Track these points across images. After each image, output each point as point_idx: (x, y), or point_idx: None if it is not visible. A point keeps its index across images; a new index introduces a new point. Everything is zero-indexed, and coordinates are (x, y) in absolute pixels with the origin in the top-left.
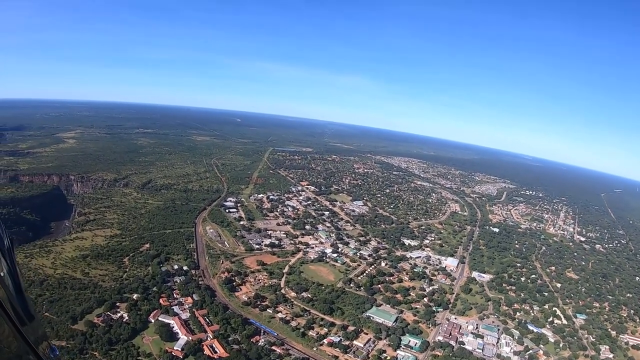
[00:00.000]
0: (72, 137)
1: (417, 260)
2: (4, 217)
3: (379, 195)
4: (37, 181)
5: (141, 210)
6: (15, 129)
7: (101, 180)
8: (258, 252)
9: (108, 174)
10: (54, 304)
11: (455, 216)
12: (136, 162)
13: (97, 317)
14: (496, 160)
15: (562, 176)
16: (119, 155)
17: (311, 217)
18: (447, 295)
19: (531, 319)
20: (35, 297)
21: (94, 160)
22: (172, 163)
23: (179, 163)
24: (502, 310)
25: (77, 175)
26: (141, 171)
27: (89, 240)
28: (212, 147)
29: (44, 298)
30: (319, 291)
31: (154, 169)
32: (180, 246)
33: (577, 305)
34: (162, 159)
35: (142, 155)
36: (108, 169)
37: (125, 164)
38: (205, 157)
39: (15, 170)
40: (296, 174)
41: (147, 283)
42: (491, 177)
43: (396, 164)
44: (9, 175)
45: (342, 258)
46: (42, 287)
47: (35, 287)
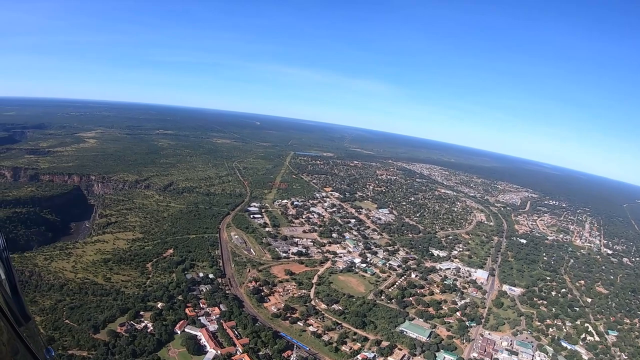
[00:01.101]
0: (93, 136)
1: (446, 271)
2: (23, 216)
3: (404, 203)
4: (57, 180)
5: (163, 213)
6: (36, 128)
7: (122, 181)
8: (285, 260)
9: (129, 175)
10: (74, 311)
11: (482, 226)
12: (157, 164)
13: (120, 327)
14: (516, 169)
15: (582, 185)
16: (139, 156)
17: (337, 225)
18: (479, 309)
19: (564, 336)
20: (55, 302)
21: (115, 160)
22: (193, 165)
23: (201, 166)
24: (534, 325)
25: (97, 176)
26: (162, 173)
27: (111, 244)
28: (233, 150)
29: (64, 304)
30: (350, 303)
31: (176, 171)
32: (205, 252)
33: (608, 321)
34: (183, 161)
35: (163, 156)
36: (129, 170)
37: (146, 165)
38: (226, 160)
39: (35, 169)
40: (319, 179)
41: (172, 291)
42: (513, 185)
43: (418, 171)
44: (29, 173)
45: (371, 268)
46: (62, 291)
47: (55, 291)
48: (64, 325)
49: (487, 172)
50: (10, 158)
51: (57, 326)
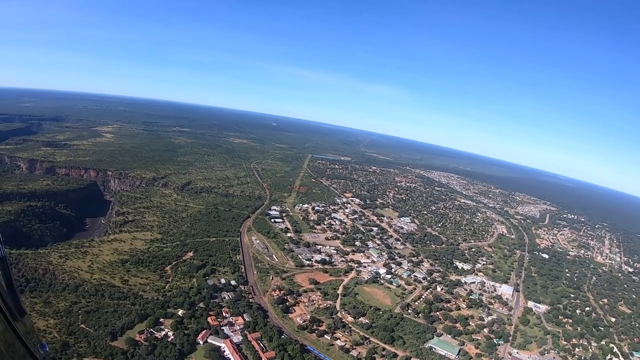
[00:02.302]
0: (110, 131)
1: (472, 285)
2: (38, 210)
3: (425, 212)
4: (73, 175)
5: (182, 213)
6: (53, 120)
7: (139, 178)
8: (309, 268)
9: (146, 172)
10: (90, 315)
11: (503, 239)
12: (175, 162)
13: (139, 334)
14: (532, 180)
15: (599, 199)
16: (157, 154)
17: (360, 233)
18: (506, 326)
19: (590, 356)
20: (70, 304)
21: (132, 156)
22: (211, 165)
23: (219, 165)
24: (561, 345)
25: (114, 172)
26: (180, 171)
27: (128, 244)
28: (250, 151)
29: (80, 307)
30: (377, 316)
31: (193, 170)
32: (226, 257)
33: (632, 342)
34: (201, 160)
35: (180, 154)
36: (146, 167)
37: (163, 163)
38: (244, 161)
39: (52, 161)
40: (339, 184)
41: (193, 297)
42: (531, 197)
43: (436, 179)
44: (45, 166)
45: (396, 280)
46: (77, 293)
47: (70, 292)
48: (80, 330)
49: (504, 183)
50: (26, 149)
51: (72, 331)
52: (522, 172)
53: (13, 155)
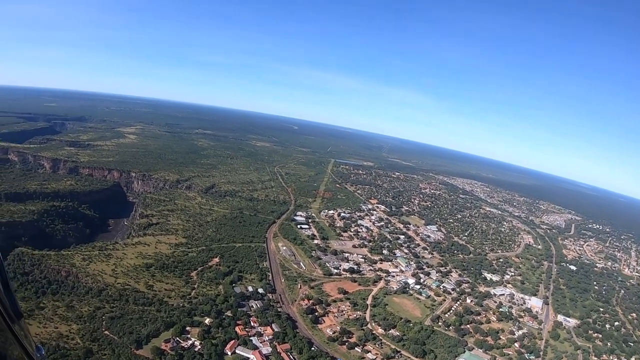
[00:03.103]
0: (133, 132)
1: (501, 297)
2: (61, 210)
3: (451, 221)
4: (97, 175)
5: (207, 217)
6: (76, 120)
7: (163, 180)
8: (337, 277)
9: (170, 174)
10: (114, 322)
11: (531, 249)
12: (198, 164)
13: (165, 343)
14: (555, 188)
15: (623, 209)
16: (180, 156)
17: (387, 241)
18: (536, 340)
19: None
20: (94, 309)
21: (155, 158)
22: (234, 168)
23: (242, 169)
24: None
25: (138, 173)
26: (204, 174)
27: (152, 247)
28: (273, 154)
29: (104, 312)
30: (408, 329)
31: (217, 173)
32: (253, 264)
33: None
34: (224, 163)
35: (203, 157)
36: (170, 168)
37: (187, 165)
38: (267, 164)
39: (75, 161)
40: (364, 190)
41: (220, 305)
42: (555, 206)
43: (460, 186)
44: (69, 166)
45: (425, 291)
46: (100, 297)
47: (93, 296)
48: (103, 337)
49: (528, 190)
50: (50, 149)
51: (96, 337)
52: (545, 180)
53: (37, 155)
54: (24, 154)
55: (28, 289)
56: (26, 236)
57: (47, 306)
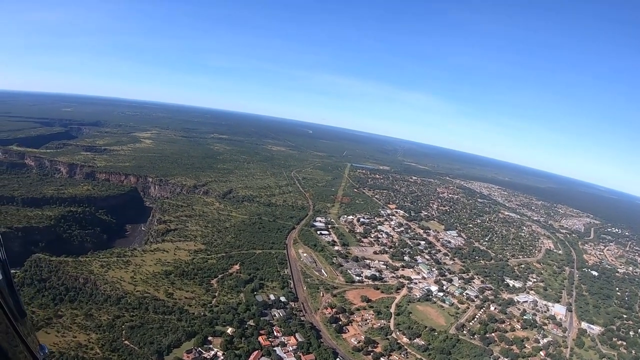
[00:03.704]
0: (149, 137)
1: (524, 305)
2: (79, 215)
3: (470, 226)
4: (113, 180)
5: (225, 223)
6: (92, 125)
7: (180, 185)
8: (359, 284)
9: (187, 179)
10: (135, 331)
11: (551, 255)
12: (215, 169)
13: (187, 354)
14: (572, 191)
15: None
16: (196, 160)
17: (407, 247)
18: (562, 349)
19: None
20: (113, 318)
21: (172, 163)
22: (251, 173)
23: (259, 173)
24: None
25: (155, 178)
26: (221, 179)
27: (171, 254)
28: (289, 159)
29: (123, 321)
30: (433, 338)
31: (234, 177)
32: (274, 271)
33: None
34: (241, 168)
35: (220, 161)
36: (187, 173)
37: (204, 170)
38: (284, 169)
39: (92, 166)
40: (381, 194)
41: (242, 314)
42: (574, 210)
43: (477, 190)
44: (85, 171)
45: (449, 298)
46: (119, 305)
47: (112, 304)
48: (124, 346)
49: (545, 194)
50: (66, 154)
51: (116, 347)
52: (561, 183)
53: (53, 159)
54: (41, 158)
55: (45, 296)
56: (43, 242)
57: (65, 314)
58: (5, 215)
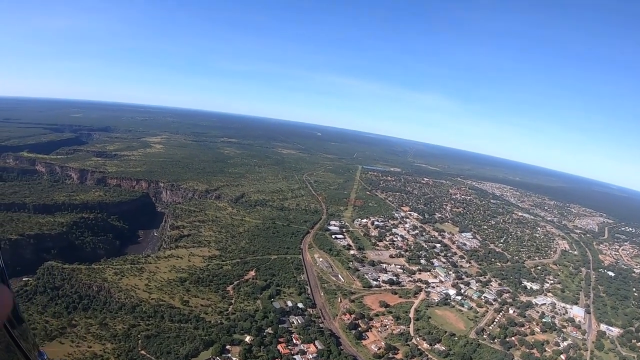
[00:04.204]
0: (159, 142)
1: (543, 307)
2: (91, 222)
3: (485, 227)
4: (125, 185)
5: (239, 228)
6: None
7: (192, 190)
8: (377, 289)
9: (199, 183)
10: (151, 340)
11: (567, 255)
12: (226, 173)
13: None
14: (584, 190)
15: None
16: (207, 165)
17: (423, 250)
18: (582, 351)
19: None
20: (128, 327)
21: (183, 167)
22: (263, 177)
23: (271, 177)
24: None
25: (166, 183)
26: (232, 183)
27: (185, 260)
28: (300, 162)
29: (139, 330)
30: (453, 343)
31: (246, 182)
32: (290, 277)
33: None
34: (252, 172)
35: (230, 166)
36: (198, 178)
37: (215, 175)
38: (295, 172)
39: (103, 172)
40: (394, 197)
41: (260, 322)
42: (587, 209)
43: (490, 191)
44: (96, 177)
45: (467, 302)
46: (134, 313)
47: (127, 312)
48: (140, 357)
49: (557, 194)
50: (77, 159)
51: (132, 357)
52: (572, 182)
53: (64, 165)
54: (51, 165)
55: (59, 304)
56: (55, 249)
57: (79, 324)
58: (17, 222)
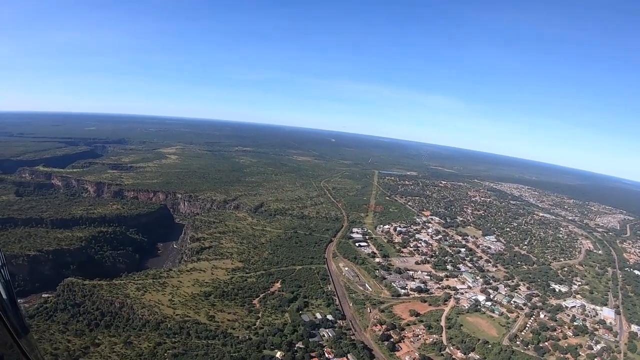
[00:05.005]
0: (174, 152)
1: (573, 310)
2: (109, 235)
3: (508, 229)
4: (142, 197)
5: (260, 239)
6: (116, 142)
7: (210, 200)
8: (405, 297)
9: (216, 194)
10: (179, 359)
11: (592, 255)
12: (243, 183)
13: None
14: (602, 187)
15: None
16: (224, 174)
17: (448, 255)
18: (615, 354)
19: None
20: (154, 345)
21: (200, 178)
22: (280, 185)
23: (288, 185)
24: None
25: (184, 194)
26: (250, 193)
27: (209, 273)
28: (316, 169)
29: (165, 348)
30: (487, 350)
31: (263, 190)
32: (317, 287)
33: None
34: (269, 180)
35: (247, 175)
36: (215, 188)
37: (232, 184)
38: (312, 179)
39: (119, 184)
40: (414, 201)
41: (290, 336)
42: (606, 207)
43: (508, 192)
44: (113, 189)
45: (497, 307)
46: (159, 330)
47: (151, 329)
48: None
49: (575, 192)
50: (93, 172)
51: None
52: (587, 179)
53: (80, 179)
54: (67, 178)
55: (80, 321)
56: (75, 264)
57: (102, 342)
58: (35, 238)
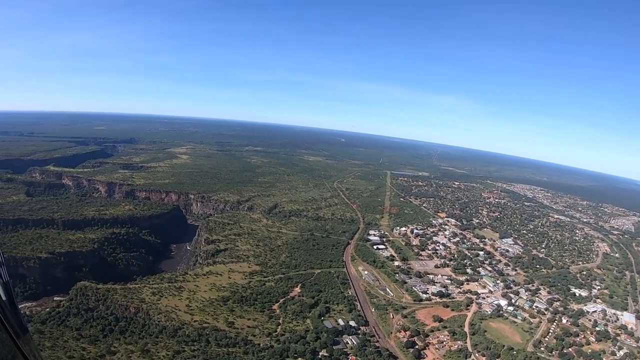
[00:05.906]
0: (185, 152)
1: (594, 315)
2: (122, 237)
3: (524, 232)
4: (154, 198)
5: (277, 241)
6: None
7: (223, 201)
8: (427, 302)
9: (229, 194)
10: None
11: (609, 259)
12: (256, 183)
13: None
14: (613, 188)
15: None
16: (236, 175)
17: (467, 259)
18: None
19: None
20: (173, 354)
21: (212, 178)
22: (294, 186)
23: (301, 186)
24: None
25: (197, 195)
26: (263, 193)
27: (226, 277)
28: (328, 169)
29: (184, 356)
30: (512, 357)
31: (277, 191)
32: (338, 292)
33: None
34: (282, 180)
35: (259, 175)
36: (228, 189)
37: (245, 185)
38: (325, 180)
39: (131, 185)
40: (429, 203)
41: (313, 344)
42: (620, 208)
43: (521, 193)
44: (125, 190)
45: (519, 313)
46: (177, 338)
47: (168, 336)
48: None
49: (588, 193)
50: (104, 172)
51: None
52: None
53: (91, 179)
54: (78, 178)
55: (94, 327)
56: (87, 266)
57: (119, 350)
58: (47, 240)
